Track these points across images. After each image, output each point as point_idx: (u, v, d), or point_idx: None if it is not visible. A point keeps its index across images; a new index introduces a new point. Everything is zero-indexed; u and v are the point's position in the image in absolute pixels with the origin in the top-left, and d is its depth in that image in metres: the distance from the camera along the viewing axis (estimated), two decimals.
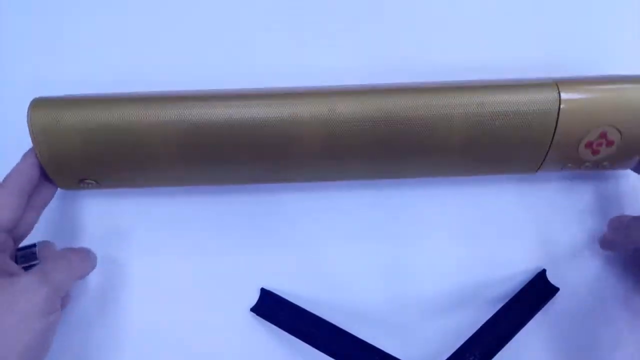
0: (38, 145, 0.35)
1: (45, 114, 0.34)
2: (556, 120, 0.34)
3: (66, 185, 0.38)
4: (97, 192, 0.40)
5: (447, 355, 0.37)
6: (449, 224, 0.41)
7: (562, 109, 0.34)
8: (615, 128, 0.35)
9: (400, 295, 0.40)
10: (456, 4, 0.43)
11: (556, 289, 0.40)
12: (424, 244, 0.41)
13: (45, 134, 0.34)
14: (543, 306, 0.39)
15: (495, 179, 0.41)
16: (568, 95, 0.34)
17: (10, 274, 0.33)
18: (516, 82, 0.35)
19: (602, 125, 0.35)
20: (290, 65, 0.42)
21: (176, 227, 0.41)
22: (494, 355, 0.37)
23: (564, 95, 0.34)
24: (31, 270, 0.34)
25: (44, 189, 0.38)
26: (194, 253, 0.41)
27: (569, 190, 0.41)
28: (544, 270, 0.40)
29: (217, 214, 0.41)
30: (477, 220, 0.41)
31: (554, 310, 0.40)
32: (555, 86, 0.34)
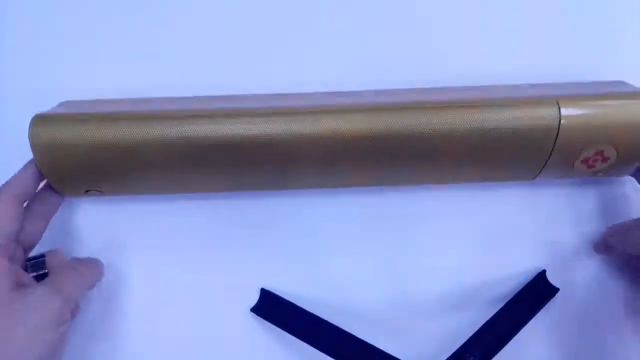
0: (40, 161, 0.35)
1: (46, 131, 0.34)
2: (555, 138, 0.34)
3: (71, 195, 0.39)
4: (98, 197, 0.40)
5: (447, 355, 0.37)
6: (449, 224, 0.41)
7: (562, 127, 0.34)
8: (612, 146, 0.35)
9: (400, 296, 0.40)
10: (458, 12, 0.42)
11: (556, 289, 0.40)
12: (424, 244, 0.41)
13: (46, 150, 0.34)
14: (543, 306, 0.39)
15: (495, 182, 0.41)
16: (568, 112, 0.34)
17: (23, 284, 0.34)
18: (517, 100, 0.35)
19: (600, 144, 0.35)
20: (292, 72, 0.42)
21: (176, 229, 0.41)
22: (494, 355, 0.37)
23: (564, 112, 0.34)
24: (44, 282, 0.34)
25: (50, 198, 0.38)
26: (194, 254, 0.41)
27: (569, 192, 0.41)
28: (544, 271, 0.40)
29: (217, 216, 0.41)
30: (477, 221, 0.41)
31: (554, 310, 0.40)
32: (555, 104, 0.34)
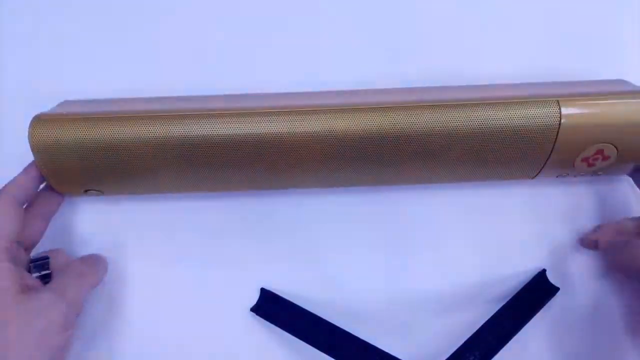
0: (39, 161, 0.35)
1: (46, 132, 0.34)
2: (555, 137, 0.34)
3: (71, 194, 0.39)
4: (98, 197, 0.40)
5: (447, 355, 0.37)
6: (449, 224, 0.41)
7: (562, 126, 0.34)
8: (612, 145, 0.35)
9: (400, 295, 0.40)
10: (458, 12, 0.42)
11: (556, 289, 0.40)
12: (424, 244, 0.41)
13: (46, 151, 0.34)
14: (543, 306, 0.39)
15: (495, 182, 0.41)
16: (568, 111, 0.34)
17: (28, 287, 0.34)
18: (517, 99, 0.35)
19: (600, 142, 0.35)
20: (292, 71, 0.42)
21: (176, 229, 0.41)
22: (494, 355, 0.37)
23: (564, 111, 0.34)
24: (48, 286, 0.34)
25: (50, 198, 0.38)
26: (194, 254, 0.41)
27: (569, 191, 0.41)
28: (544, 270, 0.40)
29: (217, 216, 0.41)
30: (477, 221, 0.41)
31: (554, 310, 0.40)
32: (556, 103, 0.34)
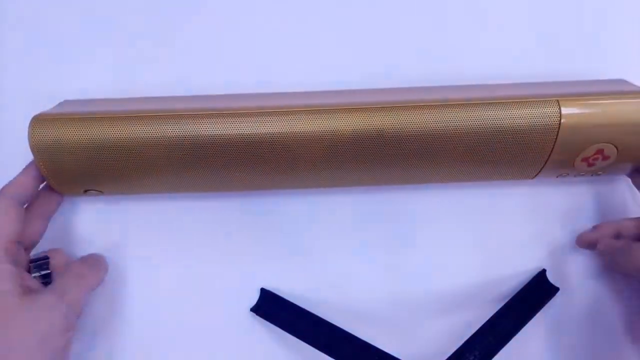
0: (39, 161, 0.35)
1: (45, 131, 0.34)
2: (555, 137, 0.34)
3: (71, 194, 0.39)
4: (98, 197, 0.40)
5: (447, 355, 0.37)
6: (449, 224, 0.41)
7: (562, 126, 0.34)
8: (612, 144, 0.35)
9: (400, 295, 0.40)
10: (458, 11, 0.42)
11: (556, 289, 0.40)
12: (424, 244, 0.41)
13: (45, 150, 0.34)
14: (543, 306, 0.39)
15: (495, 181, 0.41)
16: (568, 111, 0.34)
17: (29, 289, 0.34)
18: (517, 99, 0.35)
19: (600, 142, 0.35)
20: (291, 71, 0.42)
21: (176, 229, 0.41)
22: (494, 355, 0.37)
23: (564, 111, 0.34)
24: (49, 288, 0.34)
25: (50, 197, 0.38)
26: (194, 254, 0.41)
27: (569, 191, 0.41)
28: (544, 270, 0.40)
29: (218, 216, 0.41)
30: (477, 221, 0.41)
31: (554, 310, 0.40)
32: (556, 103, 0.34)
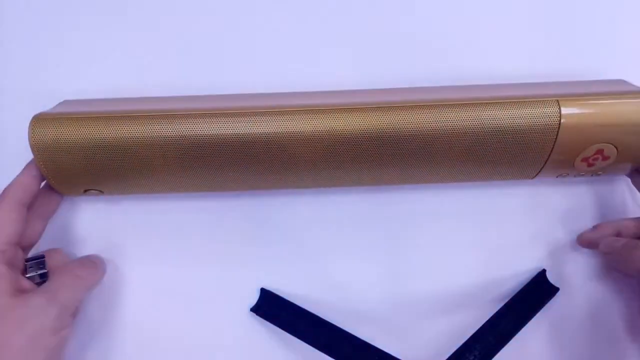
0: (39, 161, 0.35)
1: (46, 131, 0.34)
2: (555, 137, 0.34)
3: (71, 194, 0.38)
4: (97, 197, 0.40)
5: (447, 355, 0.37)
6: (449, 224, 0.41)
7: (562, 126, 0.34)
8: (612, 144, 0.35)
9: (400, 295, 0.40)
10: (457, 11, 0.42)
11: (556, 289, 0.40)
12: (424, 244, 0.41)
13: (45, 150, 0.34)
14: (543, 306, 0.39)
15: (495, 182, 0.41)
16: (568, 111, 0.34)
17: (22, 290, 0.33)
18: (517, 99, 0.35)
19: (600, 142, 0.35)
20: (291, 71, 0.42)
21: (176, 229, 0.41)
22: (494, 355, 0.37)
23: (564, 111, 0.34)
24: (40, 288, 0.34)
25: (49, 198, 0.38)
26: (194, 254, 0.41)
27: (569, 191, 0.41)
28: (544, 270, 0.40)
29: (217, 216, 0.41)
30: (477, 221, 0.41)
31: (554, 310, 0.40)
32: (556, 103, 0.34)
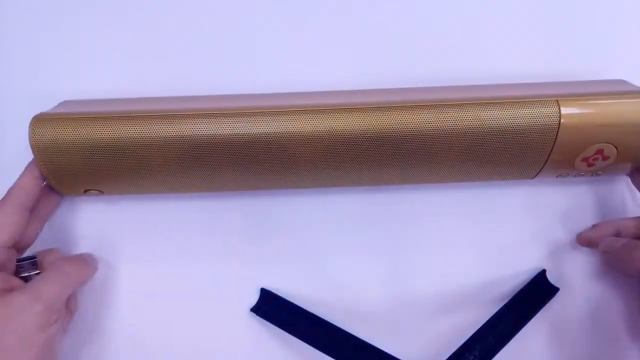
0: (40, 161, 0.35)
1: (46, 132, 0.34)
2: (555, 137, 0.34)
3: (71, 194, 0.38)
4: (96, 197, 0.40)
5: (447, 355, 0.37)
6: (449, 224, 0.41)
7: (562, 126, 0.34)
8: (612, 144, 0.35)
9: (400, 295, 0.40)
10: (458, 11, 0.42)
11: (556, 289, 0.40)
12: (424, 244, 0.41)
13: (46, 151, 0.34)
14: (543, 306, 0.39)
15: (495, 182, 0.41)
16: (568, 111, 0.34)
17: (9, 289, 0.33)
18: (517, 99, 0.35)
19: (600, 142, 0.35)
20: (291, 72, 0.42)
21: (176, 229, 0.41)
22: (494, 355, 0.37)
23: (564, 111, 0.34)
24: (23, 287, 0.34)
25: (49, 199, 0.38)
26: (194, 254, 0.41)
27: (569, 191, 0.41)
28: (544, 270, 0.40)
29: (217, 216, 0.41)
30: (477, 221, 0.41)
31: (554, 310, 0.40)
32: (555, 103, 0.34)
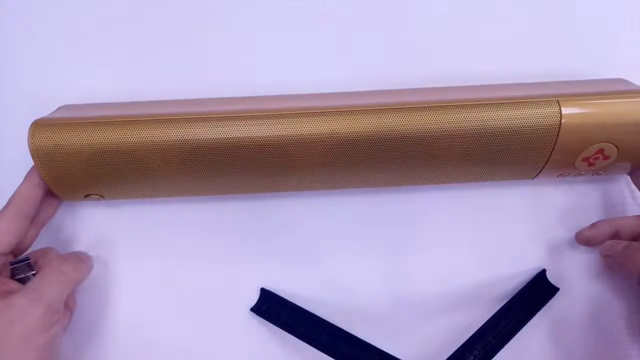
0: (39, 167, 0.35)
1: (46, 136, 0.34)
2: (556, 137, 0.34)
3: (71, 199, 0.38)
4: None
5: (447, 355, 0.37)
6: (449, 224, 0.41)
7: (562, 126, 0.34)
8: (612, 144, 0.35)
9: (400, 295, 0.40)
10: (458, 12, 0.42)
11: (556, 289, 0.40)
12: (424, 244, 0.41)
13: (46, 156, 0.34)
14: (543, 306, 0.39)
15: (496, 182, 0.41)
16: (568, 111, 0.34)
17: (8, 292, 0.33)
18: (518, 99, 0.35)
19: (600, 142, 0.35)
20: (291, 73, 0.42)
21: (176, 229, 0.41)
22: (494, 355, 0.37)
23: (565, 111, 0.34)
24: (23, 289, 0.33)
25: (47, 204, 0.38)
26: (194, 254, 0.41)
27: (570, 191, 0.41)
28: (544, 270, 0.40)
29: (217, 216, 0.41)
30: (477, 221, 0.41)
31: (554, 310, 0.40)
32: (556, 103, 0.34)
